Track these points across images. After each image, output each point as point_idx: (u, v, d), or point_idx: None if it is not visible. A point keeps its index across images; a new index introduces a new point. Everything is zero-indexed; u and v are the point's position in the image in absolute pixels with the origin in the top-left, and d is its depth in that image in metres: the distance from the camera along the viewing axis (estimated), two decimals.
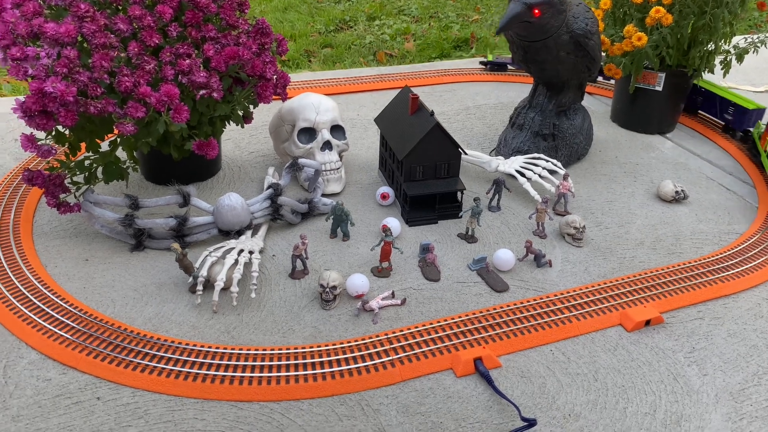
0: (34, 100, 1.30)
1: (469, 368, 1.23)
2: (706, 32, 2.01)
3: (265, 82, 1.57)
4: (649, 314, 1.37)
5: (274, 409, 1.13)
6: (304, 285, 1.44)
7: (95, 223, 1.52)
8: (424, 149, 1.60)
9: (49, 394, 1.14)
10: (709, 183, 1.97)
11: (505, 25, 1.63)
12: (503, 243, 1.62)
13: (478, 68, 2.81)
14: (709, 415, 1.17)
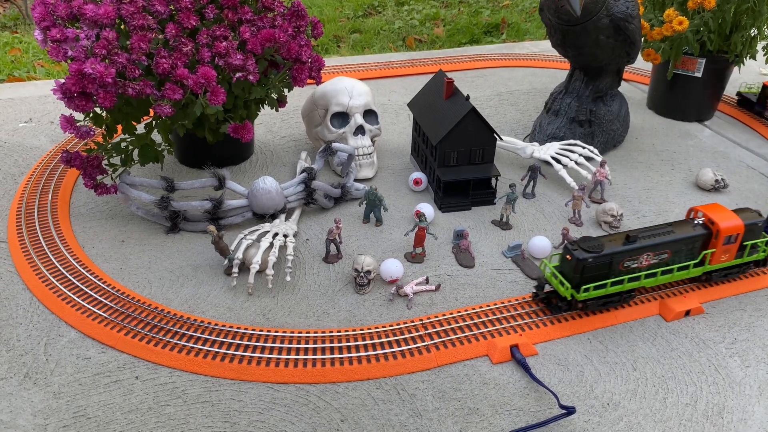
0: (74, 81, 1.31)
1: (505, 355, 1.21)
2: (750, 16, 1.95)
3: (300, 65, 1.56)
4: (689, 304, 1.35)
5: (311, 392, 1.14)
6: (338, 269, 1.43)
7: (131, 205, 1.53)
8: (459, 134, 1.58)
9: (89, 372, 1.15)
10: (749, 172, 1.92)
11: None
12: (538, 230, 1.59)
13: (510, 53, 2.77)
14: (752, 407, 1.14)
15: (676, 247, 1.32)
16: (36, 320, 1.26)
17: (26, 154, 1.85)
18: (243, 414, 1.09)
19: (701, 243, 1.35)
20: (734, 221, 1.34)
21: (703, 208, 1.37)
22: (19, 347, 1.20)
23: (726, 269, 1.41)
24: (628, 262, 1.28)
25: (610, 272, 1.28)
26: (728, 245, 1.35)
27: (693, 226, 1.34)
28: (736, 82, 2.49)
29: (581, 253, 1.24)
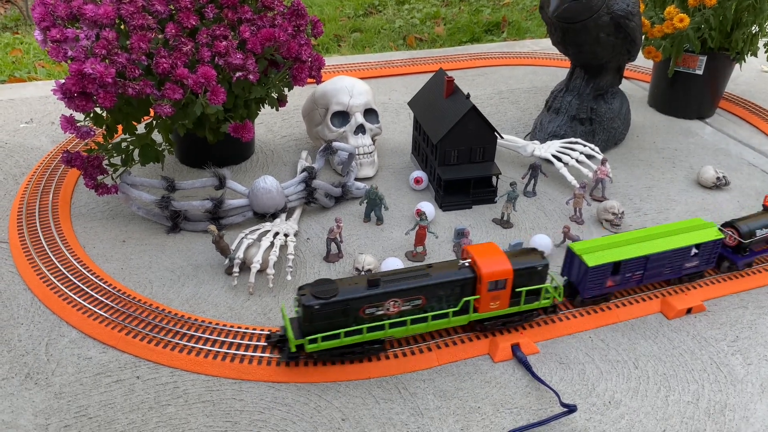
0: (74, 81, 1.31)
1: (506, 354, 1.21)
2: (751, 13, 1.94)
3: (300, 64, 1.56)
4: (690, 302, 1.35)
5: (312, 391, 1.13)
6: (338, 268, 1.43)
7: (132, 205, 1.53)
8: (460, 133, 1.58)
9: (90, 372, 1.15)
10: (751, 169, 1.91)
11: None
12: (539, 228, 1.59)
13: (510, 51, 2.77)
14: (755, 405, 1.14)
15: (432, 292, 1.16)
16: (37, 320, 1.26)
17: (27, 154, 1.85)
18: (244, 413, 1.09)
19: (467, 288, 1.18)
20: (500, 265, 1.17)
21: (473, 249, 1.20)
22: (20, 347, 1.20)
23: (503, 318, 1.24)
24: (371, 309, 1.13)
25: (348, 320, 1.13)
26: (495, 291, 1.18)
27: (459, 269, 1.18)
28: (738, 79, 2.49)
29: (309, 298, 1.09)
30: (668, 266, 1.34)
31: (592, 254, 1.28)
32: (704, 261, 1.38)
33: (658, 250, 1.31)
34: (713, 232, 1.36)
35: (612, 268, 1.28)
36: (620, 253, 1.29)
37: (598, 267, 1.27)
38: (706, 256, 1.38)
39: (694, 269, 1.38)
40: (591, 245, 1.31)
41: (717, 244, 1.37)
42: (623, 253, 1.29)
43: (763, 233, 1.42)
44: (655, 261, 1.32)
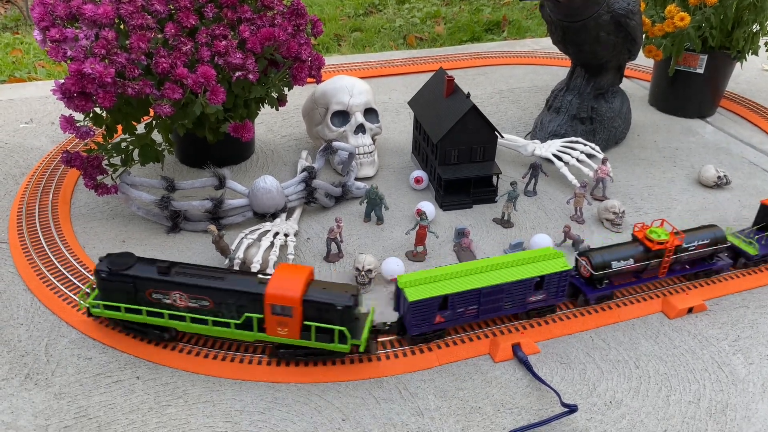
0: (73, 81, 1.30)
1: (507, 354, 1.21)
2: (752, 12, 1.94)
3: (300, 63, 1.55)
4: (691, 301, 1.34)
5: (312, 391, 1.13)
6: (338, 268, 1.43)
7: (132, 205, 1.53)
8: (460, 132, 1.58)
9: (90, 373, 1.15)
10: (752, 168, 1.91)
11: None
12: (540, 228, 1.59)
13: (511, 51, 2.77)
14: (756, 404, 1.13)
15: (221, 297, 1.12)
16: (37, 321, 1.26)
17: (27, 154, 1.85)
18: (244, 414, 1.08)
19: (254, 304, 1.11)
20: (289, 291, 1.08)
21: (284, 268, 1.15)
22: (20, 348, 1.20)
23: (303, 349, 1.15)
24: (157, 295, 1.13)
25: (138, 298, 1.14)
26: (281, 317, 1.09)
27: (255, 282, 1.13)
28: (739, 78, 2.49)
29: (102, 264, 1.15)
30: (508, 300, 1.23)
31: (416, 288, 1.17)
32: (552, 294, 1.27)
33: (491, 283, 1.20)
34: (559, 263, 1.25)
35: (439, 302, 1.18)
36: (448, 286, 1.18)
37: (421, 302, 1.16)
38: (553, 288, 1.26)
39: (542, 303, 1.27)
40: (420, 277, 1.19)
41: (564, 276, 1.24)
42: (451, 286, 1.18)
43: (620, 265, 1.30)
44: (490, 295, 1.21)
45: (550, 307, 1.30)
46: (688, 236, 1.36)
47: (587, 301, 1.32)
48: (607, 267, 1.30)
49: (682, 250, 1.35)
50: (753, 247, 1.44)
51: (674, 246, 1.33)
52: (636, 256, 1.32)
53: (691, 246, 1.35)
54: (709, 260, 1.41)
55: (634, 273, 1.35)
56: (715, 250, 1.39)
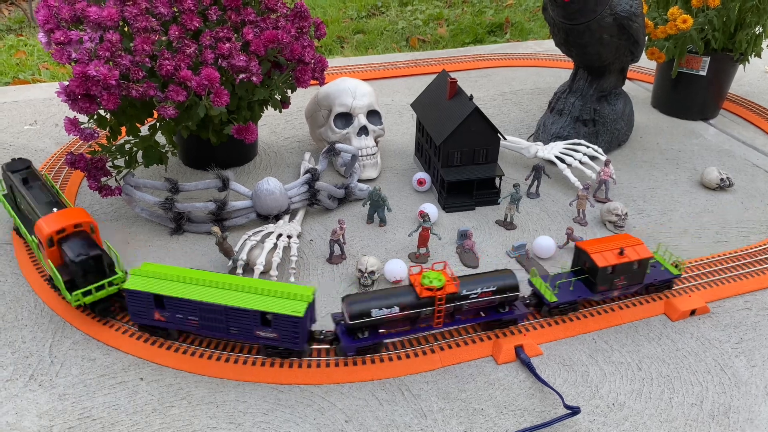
0: (78, 83, 1.31)
1: (510, 356, 1.21)
2: (755, 14, 1.94)
3: (303, 65, 1.56)
4: (694, 304, 1.34)
5: (315, 392, 1.13)
6: (341, 270, 1.43)
7: (135, 207, 1.54)
8: (463, 134, 1.58)
9: (94, 374, 1.16)
10: (755, 170, 1.91)
11: None
12: (543, 230, 1.59)
13: (513, 53, 2.77)
14: (759, 407, 1.13)
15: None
16: (41, 322, 1.27)
17: (31, 156, 1.86)
18: (247, 415, 1.09)
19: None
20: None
21: None
22: (24, 349, 1.21)
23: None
24: None
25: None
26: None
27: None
28: (742, 80, 2.49)
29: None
30: (233, 325, 1.14)
31: (143, 278, 1.16)
32: (285, 337, 1.13)
33: (207, 299, 1.13)
34: (290, 306, 1.11)
35: (153, 299, 1.15)
36: (165, 287, 1.14)
37: (136, 292, 1.15)
38: (285, 331, 1.13)
39: (275, 342, 1.15)
40: (159, 270, 1.18)
41: (294, 321, 1.11)
42: (168, 288, 1.14)
43: (382, 313, 1.14)
44: (210, 312, 1.14)
45: (288, 351, 1.17)
46: (469, 283, 1.19)
47: (344, 353, 1.18)
48: (365, 315, 1.14)
49: (460, 297, 1.19)
50: (552, 293, 1.27)
51: (446, 294, 1.16)
52: (403, 303, 1.15)
53: (472, 293, 1.19)
54: (501, 308, 1.24)
55: (407, 321, 1.19)
56: (505, 298, 1.22)
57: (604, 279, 1.28)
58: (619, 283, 1.29)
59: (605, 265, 1.26)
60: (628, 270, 1.29)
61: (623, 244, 1.30)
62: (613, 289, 1.30)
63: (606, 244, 1.31)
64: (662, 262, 1.37)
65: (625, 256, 1.27)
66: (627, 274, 1.29)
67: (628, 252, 1.28)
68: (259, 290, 1.15)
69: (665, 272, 1.35)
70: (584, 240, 1.49)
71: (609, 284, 1.29)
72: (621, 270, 1.28)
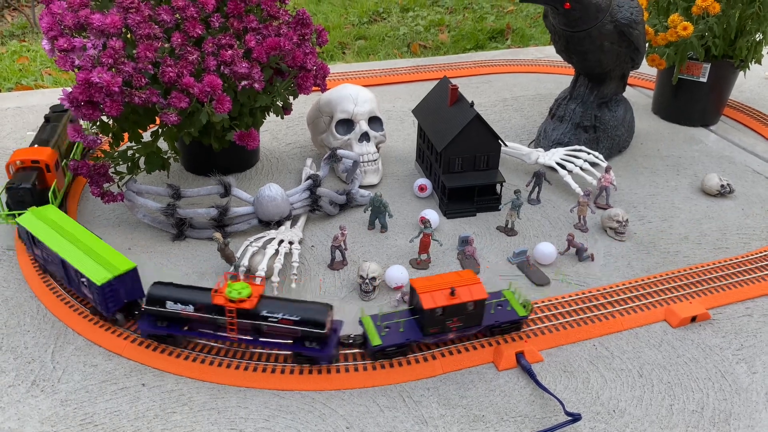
0: (81, 90, 1.32)
1: (510, 362, 1.21)
2: (755, 21, 1.95)
3: (305, 72, 1.57)
4: (695, 310, 1.34)
5: (316, 399, 1.14)
6: (343, 276, 1.44)
7: (138, 213, 1.54)
8: (464, 141, 1.59)
9: (96, 380, 1.16)
10: (755, 177, 1.91)
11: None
12: (543, 236, 1.59)
13: (515, 59, 2.78)
14: (759, 414, 1.14)
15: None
16: (43, 328, 1.27)
17: None
18: (249, 421, 1.09)
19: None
20: None
21: None
22: (26, 355, 1.21)
23: None
24: None
25: None
26: None
27: None
28: (742, 87, 2.49)
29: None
30: (73, 278, 1.25)
31: (34, 216, 1.34)
32: (95, 301, 1.23)
33: (56, 249, 1.24)
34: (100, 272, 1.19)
35: (32, 237, 1.30)
36: (41, 229, 1.30)
37: (22, 228, 1.33)
38: (95, 295, 1.21)
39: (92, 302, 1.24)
40: (53, 217, 1.34)
41: (98, 288, 1.16)
42: (41, 231, 1.29)
43: (175, 307, 1.15)
44: (60, 263, 1.25)
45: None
46: (274, 305, 1.15)
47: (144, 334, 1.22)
48: (160, 304, 1.16)
49: (256, 316, 1.14)
50: (378, 336, 1.19)
51: (238, 308, 1.13)
52: (199, 305, 1.15)
53: (272, 316, 1.14)
54: (305, 342, 1.15)
55: (209, 324, 1.18)
56: (307, 333, 1.14)
57: (433, 321, 1.17)
58: (452, 325, 1.19)
59: (432, 307, 1.16)
60: (462, 311, 1.18)
61: (459, 282, 1.19)
62: (446, 331, 1.20)
63: (440, 282, 1.20)
64: (512, 301, 1.26)
65: (456, 296, 1.17)
66: (461, 316, 1.19)
67: (461, 292, 1.17)
68: (93, 251, 1.24)
69: (512, 313, 1.25)
70: (585, 246, 1.49)
71: (441, 326, 1.19)
72: (453, 311, 1.18)
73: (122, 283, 1.21)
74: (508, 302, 1.27)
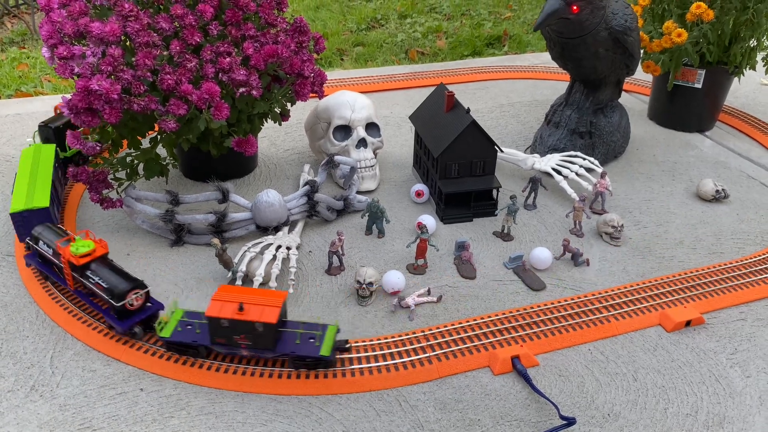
0: (80, 97, 1.33)
1: (506, 366, 1.22)
2: (749, 28, 1.96)
3: (302, 79, 1.58)
4: (689, 315, 1.35)
5: (313, 403, 1.14)
6: (340, 281, 1.45)
7: (136, 219, 1.55)
8: (460, 147, 1.60)
9: (95, 385, 1.17)
10: (750, 182, 1.93)
11: (543, 21, 1.62)
12: (539, 241, 1.61)
13: (511, 65, 2.79)
14: (753, 417, 1.14)
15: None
16: (42, 333, 1.28)
17: None
18: (246, 425, 1.10)
19: None
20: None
21: None
22: (25, 360, 1.22)
23: None
24: None
25: None
26: None
27: None
28: (737, 93, 2.51)
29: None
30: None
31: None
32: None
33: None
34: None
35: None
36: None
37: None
38: None
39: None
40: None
41: None
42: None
43: (44, 247, 1.31)
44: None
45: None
46: (100, 267, 1.24)
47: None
48: (35, 241, 1.35)
49: (81, 272, 1.24)
50: (170, 329, 1.21)
51: (68, 261, 1.23)
52: (54, 250, 1.28)
53: (91, 278, 1.23)
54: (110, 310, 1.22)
55: (58, 269, 1.31)
56: (108, 301, 1.20)
57: (217, 330, 1.16)
58: (240, 341, 1.16)
59: (213, 316, 1.14)
60: (250, 330, 1.15)
61: (258, 301, 1.16)
62: (234, 346, 1.17)
63: (243, 295, 1.17)
64: (327, 338, 1.19)
65: (243, 313, 1.14)
66: (249, 335, 1.15)
67: (250, 310, 1.14)
68: (35, 186, 1.45)
69: (314, 348, 1.17)
70: (581, 251, 1.51)
71: (228, 339, 1.16)
72: (241, 328, 1.15)
73: (34, 217, 1.43)
74: (323, 337, 1.19)
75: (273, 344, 1.16)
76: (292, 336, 1.19)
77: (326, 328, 1.21)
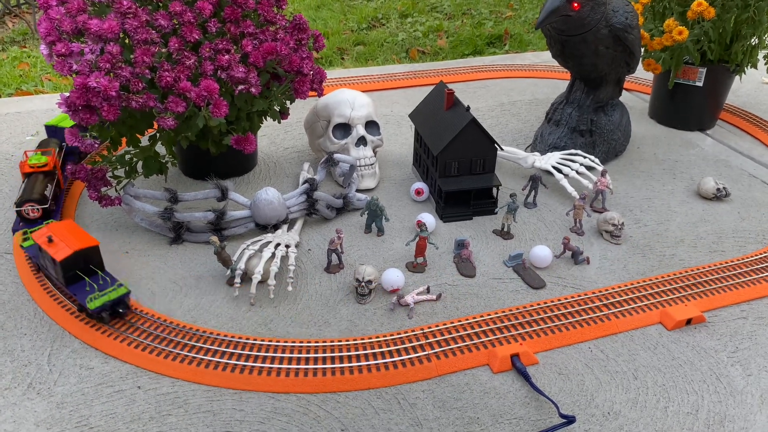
0: (78, 94, 1.33)
1: (505, 364, 1.22)
2: (750, 26, 1.96)
3: (302, 77, 1.58)
4: (690, 313, 1.35)
5: (311, 401, 1.14)
6: (339, 279, 1.44)
7: (135, 216, 1.55)
8: (460, 145, 1.59)
9: (92, 382, 1.16)
10: (751, 180, 1.92)
11: (545, 20, 1.61)
12: (539, 240, 1.60)
13: (512, 64, 2.79)
14: (754, 416, 1.14)
15: None
16: (40, 331, 1.28)
17: None
18: (244, 424, 1.09)
19: None
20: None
21: None
22: (23, 357, 1.21)
23: None
24: None
25: None
26: None
27: None
28: (739, 91, 2.50)
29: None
30: None
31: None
32: None
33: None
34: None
35: None
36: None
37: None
38: None
39: None
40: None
41: None
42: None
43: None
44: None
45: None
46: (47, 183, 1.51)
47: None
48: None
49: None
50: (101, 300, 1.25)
51: (25, 172, 1.56)
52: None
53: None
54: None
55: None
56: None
57: (38, 256, 1.35)
58: (49, 271, 1.33)
59: (36, 241, 1.30)
60: (51, 262, 1.28)
61: (70, 241, 1.29)
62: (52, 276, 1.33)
63: (67, 233, 1.32)
64: (107, 294, 1.25)
65: (50, 244, 1.28)
66: (52, 266, 1.29)
67: (56, 244, 1.28)
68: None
69: (85, 298, 1.25)
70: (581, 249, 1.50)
71: (46, 266, 1.33)
72: (47, 258, 1.30)
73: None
74: (104, 293, 1.25)
75: (65, 281, 1.27)
76: (85, 282, 1.27)
77: (119, 287, 1.27)
